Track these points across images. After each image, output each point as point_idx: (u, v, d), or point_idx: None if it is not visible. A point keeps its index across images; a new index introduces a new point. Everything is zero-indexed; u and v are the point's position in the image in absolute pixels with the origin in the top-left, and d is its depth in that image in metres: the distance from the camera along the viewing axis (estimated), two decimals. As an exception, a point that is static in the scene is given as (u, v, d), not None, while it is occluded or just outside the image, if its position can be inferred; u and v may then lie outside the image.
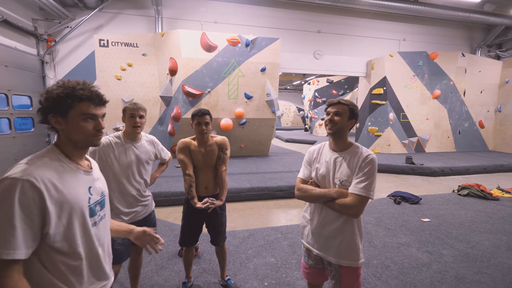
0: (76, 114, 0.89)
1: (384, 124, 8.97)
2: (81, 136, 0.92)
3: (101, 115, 0.96)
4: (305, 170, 1.55)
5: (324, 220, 1.43)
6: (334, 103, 1.42)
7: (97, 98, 0.93)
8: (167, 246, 2.85)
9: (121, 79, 7.12)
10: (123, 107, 1.92)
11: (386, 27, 9.41)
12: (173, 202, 4.42)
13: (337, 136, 1.41)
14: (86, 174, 0.97)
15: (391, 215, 3.78)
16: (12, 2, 6.13)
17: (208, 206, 1.92)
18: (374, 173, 1.33)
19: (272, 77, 7.28)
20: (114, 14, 7.62)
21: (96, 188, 1.00)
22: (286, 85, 21.66)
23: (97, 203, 0.99)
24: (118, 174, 1.84)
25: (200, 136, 2.00)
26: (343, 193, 1.34)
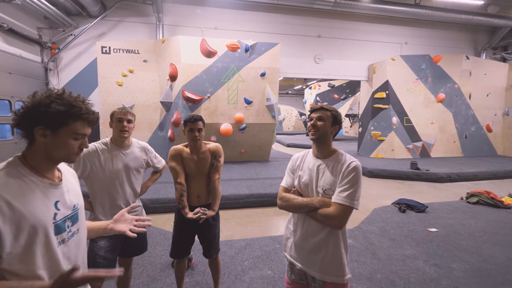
0: (69, 132, 0.85)
1: (387, 128, 8.81)
2: (64, 153, 0.87)
3: (89, 134, 0.93)
4: (287, 178, 1.49)
5: (307, 232, 1.36)
6: (316, 108, 1.38)
7: (94, 119, 0.91)
8: (161, 256, 2.75)
9: (122, 85, 7.13)
10: (111, 112, 1.82)
11: (387, 30, 9.33)
12: (170, 209, 4.32)
13: (320, 142, 1.37)
14: (53, 188, 0.89)
15: (395, 224, 3.63)
16: (18, 12, 6.23)
17: (199, 216, 1.82)
18: (358, 181, 1.28)
19: (272, 82, 7.22)
20: (116, 22, 7.70)
21: (65, 202, 0.92)
22: (287, 89, 21.63)
23: (66, 218, 0.91)
24: (104, 183, 1.74)
25: (193, 143, 1.92)
26: (326, 203, 1.28)
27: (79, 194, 1.03)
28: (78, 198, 1.00)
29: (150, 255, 2.74)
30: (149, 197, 4.30)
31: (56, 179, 0.93)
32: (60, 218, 0.88)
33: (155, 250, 2.86)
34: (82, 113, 0.86)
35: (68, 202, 0.93)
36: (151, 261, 2.63)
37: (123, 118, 1.76)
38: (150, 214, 4.20)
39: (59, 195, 0.90)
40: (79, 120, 0.86)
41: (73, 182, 1.03)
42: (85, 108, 0.87)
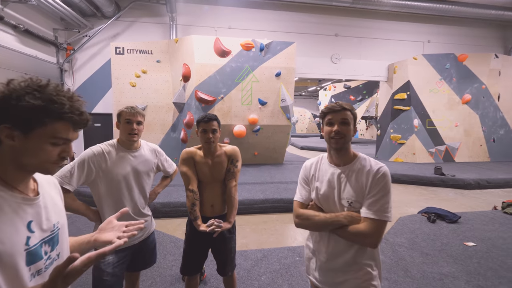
0: (45, 134, 0.66)
1: (408, 131, 8.36)
2: (37, 161, 0.67)
3: (75, 139, 0.73)
4: (302, 191, 1.28)
5: (334, 251, 1.18)
6: (337, 109, 1.15)
7: (83, 122, 0.71)
8: (171, 267, 2.55)
9: (136, 86, 7.09)
10: (118, 111, 1.63)
11: (409, 28, 8.89)
12: (182, 213, 4.15)
13: (343, 149, 1.18)
14: (26, 204, 0.69)
15: (426, 236, 3.29)
16: (34, 13, 6.31)
17: (213, 229, 1.57)
18: (390, 190, 1.11)
19: (288, 82, 6.98)
20: (130, 23, 7.70)
21: (42, 222, 0.72)
22: (301, 91, 21.29)
23: (43, 242, 0.72)
24: (112, 189, 1.54)
25: (207, 146, 1.70)
26: (355, 218, 1.10)
27: (60, 210, 0.84)
28: (59, 215, 0.81)
29: (159, 265, 2.55)
30: (160, 200, 4.15)
31: (31, 193, 0.73)
32: (35, 243, 0.69)
33: (165, 260, 2.67)
34: (65, 111, 0.66)
35: (45, 222, 0.74)
36: (160, 273, 2.44)
37: (132, 120, 1.57)
38: (161, 218, 4.05)
39: (34, 213, 0.71)
40: (60, 121, 0.66)
41: (53, 194, 0.83)
42: (69, 106, 0.67)
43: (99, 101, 7.56)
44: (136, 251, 1.65)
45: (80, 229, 3.50)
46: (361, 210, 1.10)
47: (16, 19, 5.69)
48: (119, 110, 1.62)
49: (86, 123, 0.72)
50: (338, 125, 1.13)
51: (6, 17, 5.34)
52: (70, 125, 0.68)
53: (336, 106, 1.17)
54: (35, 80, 0.65)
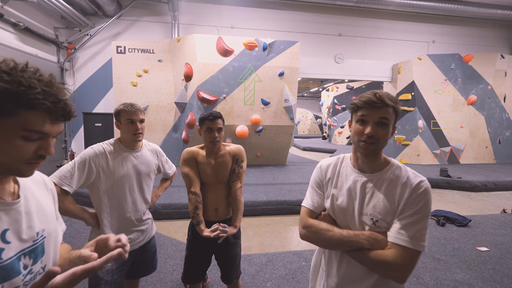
0: (14, 126, 0.54)
1: (412, 132, 8.24)
2: (6, 160, 0.56)
3: (55, 134, 0.60)
4: (314, 196, 1.04)
5: (347, 275, 0.96)
6: (377, 105, 0.86)
7: (62, 112, 0.58)
8: (172, 272, 2.45)
9: (137, 86, 7.01)
10: (115, 110, 1.50)
11: (413, 28, 8.78)
12: (183, 215, 4.05)
13: (374, 155, 0.93)
14: (1, 210, 0.59)
15: (436, 240, 3.17)
16: (35, 11, 6.24)
17: (218, 234, 1.47)
18: (429, 213, 0.87)
19: (291, 82, 6.88)
20: (132, 21, 7.62)
21: (21, 230, 0.62)
22: (303, 92, 21.20)
23: (21, 254, 0.61)
24: (112, 190, 1.44)
25: (212, 145, 1.58)
26: (379, 241, 0.87)
27: (49, 216, 0.72)
28: (45, 221, 0.69)
29: (160, 270, 2.44)
30: (162, 202, 4.05)
31: (8, 196, 0.62)
32: (10, 255, 0.58)
33: (166, 264, 2.56)
34: (36, 97, 0.53)
35: (25, 230, 0.63)
36: (161, 278, 2.33)
37: (134, 119, 1.46)
38: (162, 220, 3.95)
39: (11, 220, 0.61)
40: (31, 110, 0.54)
41: (39, 197, 0.71)
42: (42, 91, 0.54)
43: (100, 100, 7.48)
44: (136, 256, 1.55)
45: (79, 231, 3.40)
46: (388, 233, 0.88)
47: (16, 17, 5.62)
48: (117, 109, 1.50)
49: (66, 114, 0.59)
50: (372, 126, 0.87)
51: (6, 14, 5.27)
52: (45, 115, 0.56)
53: (374, 99, 0.87)
54: (8, 62, 0.54)
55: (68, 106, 0.59)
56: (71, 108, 0.60)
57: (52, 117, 0.57)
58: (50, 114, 0.56)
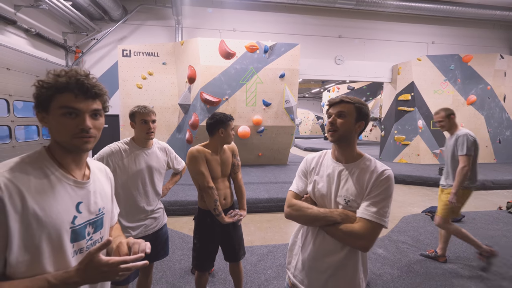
0: (55, 107, 0.72)
1: (412, 132, 8.36)
2: (63, 137, 0.73)
3: (88, 110, 0.75)
4: (299, 182, 1.22)
5: (320, 249, 1.11)
6: (335, 102, 1.11)
7: (78, 88, 0.72)
8: (180, 261, 2.63)
9: (142, 88, 7.23)
10: (130, 111, 1.73)
11: (413, 30, 8.91)
12: (188, 211, 4.24)
13: (343, 144, 1.12)
14: (77, 186, 0.77)
15: (429, 234, 3.32)
16: (45, 17, 6.49)
17: (237, 218, 1.79)
18: (391, 195, 1.05)
19: (292, 84, 7.05)
20: (137, 26, 7.86)
21: (90, 204, 0.80)
22: (304, 93, 21.34)
23: (87, 223, 0.78)
24: (127, 184, 1.65)
25: (229, 143, 1.88)
26: (349, 217, 1.04)
27: (107, 197, 0.90)
28: (105, 201, 0.88)
29: (169, 259, 2.63)
30: (168, 199, 4.24)
31: (83, 178, 0.81)
32: (80, 222, 0.76)
33: (174, 254, 2.75)
34: (61, 81, 0.71)
35: (92, 205, 0.81)
36: (170, 266, 2.52)
37: (147, 120, 1.69)
38: (169, 216, 4.13)
39: (84, 195, 0.79)
40: (64, 92, 0.71)
41: (103, 182, 0.90)
42: (67, 78, 0.72)
43: (106, 102, 7.70)
44: (150, 241, 1.73)
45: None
46: (357, 210, 1.04)
47: (28, 23, 5.87)
48: (132, 110, 1.72)
49: (85, 90, 0.73)
50: (333, 117, 1.09)
51: (19, 21, 5.51)
52: (70, 94, 0.72)
53: (335, 99, 1.12)
54: (60, 70, 0.74)
55: (84, 84, 0.73)
56: (89, 85, 0.74)
57: (74, 94, 0.72)
58: (72, 92, 0.72)
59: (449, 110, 2.59)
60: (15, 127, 5.29)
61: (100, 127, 0.79)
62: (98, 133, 0.78)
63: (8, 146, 5.07)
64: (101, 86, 0.78)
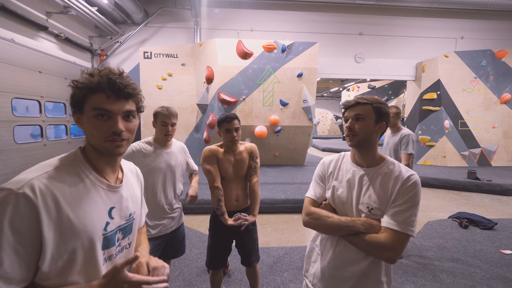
0: (89, 108, 0.69)
1: (438, 132, 7.92)
2: (95, 140, 0.70)
3: (121, 112, 0.70)
4: (316, 188, 1.16)
5: (342, 258, 1.05)
6: (351, 104, 1.05)
7: (110, 88, 0.68)
8: (197, 259, 2.67)
9: (162, 88, 7.44)
10: (154, 111, 1.77)
11: (439, 24, 8.44)
12: (205, 210, 4.30)
13: (363, 148, 1.05)
14: (110, 191, 0.74)
15: (457, 241, 3.12)
16: (73, 22, 6.86)
17: (241, 223, 1.68)
18: (418, 202, 0.98)
19: (309, 83, 6.94)
20: (157, 28, 8.09)
21: (122, 209, 0.77)
22: (322, 92, 20.95)
23: (118, 229, 0.75)
24: (147, 182, 1.68)
25: (231, 145, 1.77)
26: (374, 226, 0.98)
27: (138, 201, 0.86)
28: (136, 205, 0.84)
29: (186, 257, 2.67)
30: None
31: (116, 181, 0.78)
32: (112, 229, 0.73)
33: (191, 252, 2.79)
34: (92, 81, 0.68)
35: (124, 209, 0.77)
36: (187, 264, 2.56)
37: (167, 123, 1.72)
38: (186, 215, 4.20)
39: (117, 200, 0.75)
40: (94, 93, 0.68)
41: (134, 184, 0.87)
42: (100, 76, 0.68)
43: (128, 103, 8.00)
44: (168, 240, 1.78)
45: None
46: (382, 219, 0.98)
47: (58, 29, 6.23)
48: (156, 110, 1.76)
49: (117, 90, 0.68)
50: (350, 121, 1.04)
51: (50, 27, 5.86)
52: (102, 95, 0.68)
53: (350, 101, 1.05)
54: (94, 69, 0.72)
55: (116, 84, 0.68)
56: (121, 84, 0.69)
57: (108, 94, 0.68)
58: (104, 93, 0.68)
59: (398, 108, 2.76)
60: (46, 126, 5.62)
61: (134, 129, 0.75)
62: (131, 135, 0.74)
63: (39, 145, 5.40)
64: (135, 85, 0.73)
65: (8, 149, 4.52)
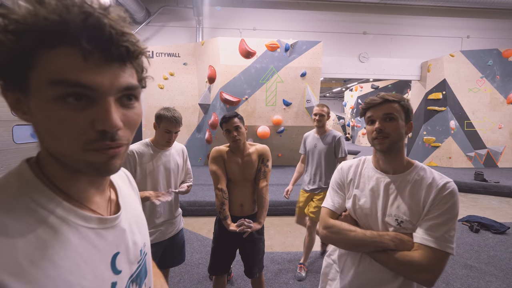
0: (42, 82, 0.32)
1: (443, 133, 7.79)
2: (63, 147, 0.35)
3: (114, 89, 0.35)
4: (335, 197, 1.02)
5: (365, 277, 0.92)
6: (377, 102, 0.91)
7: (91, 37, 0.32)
8: (198, 265, 2.57)
9: (164, 88, 7.36)
10: (158, 112, 1.60)
11: (445, 23, 8.30)
12: (207, 212, 4.19)
13: (392, 152, 0.92)
14: (105, 228, 0.42)
15: (469, 246, 3.00)
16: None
17: (243, 229, 1.55)
18: (457, 214, 0.85)
19: (313, 82, 6.83)
20: (159, 27, 8.00)
21: (129, 251, 0.46)
22: (325, 92, 20.82)
23: (130, 281, 0.46)
24: (145, 185, 1.58)
25: (235, 144, 1.66)
26: (405, 242, 0.85)
27: (143, 222, 0.55)
28: (143, 232, 0.53)
29: (187, 263, 2.57)
30: (187, 199, 4.22)
31: (108, 208, 0.45)
32: (123, 285, 0.44)
33: (192, 257, 2.69)
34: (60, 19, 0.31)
35: (132, 250, 0.47)
36: (188, 270, 2.46)
37: (171, 131, 1.59)
38: (187, 217, 4.11)
39: (118, 240, 0.44)
40: (60, 46, 0.32)
41: (132, 200, 0.54)
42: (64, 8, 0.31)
43: (130, 102, 7.93)
44: (166, 247, 1.68)
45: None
46: (415, 234, 0.86)
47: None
48: (160, 114, 1.59)
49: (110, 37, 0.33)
50: (379, 121, 0.90)
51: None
52: (72, 50, 0.32)
53: (376, 98, 0.92)
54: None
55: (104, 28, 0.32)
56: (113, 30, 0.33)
57: (80, 49, 0.32)
58: (76, 46, 0.32)
59: (328, 108, 2.51)
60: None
61: (137, 121, 0.40)
62: (131, 134, 0.40)
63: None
64: (135, 37, 0.38)
65: (7, 149, 4.44)
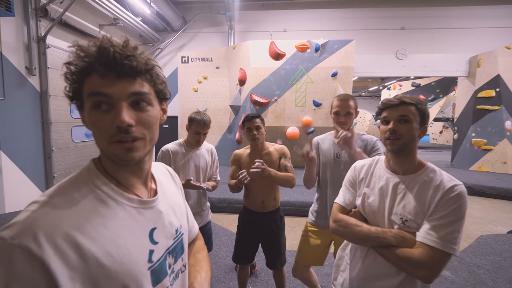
0: (85, 98, 0.49)
1: (496, 135, 6.98)
2: (99, 142, 0.50)
3: (124, 95, 0.48)
4: (346, 194, 1.10)
5: (371, 270, 0.98)
6: (394, 103, 0.94)
7: (103, 63, 0.46)
8: (225, 257, 2.72)
9: (197, 91, 7.79)
10: (190, 115, 1.83)
11: (497, 12, 7.44)
12: (236, 209, 4.36)
13: (403, 154, 0.95)
14: (144, 208, 0.54)
15: (518, 260, 2.71)
16: (121, 32, 7.54)
17: (259, 166, 1.59)
18: (463, 217, 0.86)
19: (345, 82, 6.65)
20: (194, 34, 8.50)
21: (165, 228, 0.58)
22: (360, 91, 19.95)
23: (167, 252, 0.58)
24: None
25: (253, 143, 1.79)
26: (407, 240, 0.88)
27: (182, 209, 0.68)
28: (181, 216, 0.66)
29: (215, 254, 2.75)
30: (217, 196, 4.45)
31: (149, 194, 0.59)
32: (159, 257, 0.54)
33: (220, 250, 2.86)
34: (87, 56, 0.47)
35: (168, 228, 0.59)
36: (216, 261, 2.64)
37: (200, 132, 1.80)
38: (217, 213, 4.34)
39: (155, 218, 0.56)
40: (92, 74, 0.47)
41: (172, 190, 0.68)
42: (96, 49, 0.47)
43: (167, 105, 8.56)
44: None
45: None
46: (417, 233, 0.89)
47: (109, 39, 6.91)
48: (192, 117, 1.80)
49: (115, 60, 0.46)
50: (394, 122, 0.93)
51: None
52: (95, 74, 0.47)
53: (392, 100, 0.95)
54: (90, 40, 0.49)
55: (110, 54, 0.46)
56: (117, 55, 0.46)
57: (99, 69, 0.46)
58: (97, 71, 0.47)
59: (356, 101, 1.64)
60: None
61: (151, 121, 0.52)
62: (148, 132, 0.51)
63: (92, 143, 6.04)
64: (143, 57, 0.52)
65: (66, 147, 5.14)
